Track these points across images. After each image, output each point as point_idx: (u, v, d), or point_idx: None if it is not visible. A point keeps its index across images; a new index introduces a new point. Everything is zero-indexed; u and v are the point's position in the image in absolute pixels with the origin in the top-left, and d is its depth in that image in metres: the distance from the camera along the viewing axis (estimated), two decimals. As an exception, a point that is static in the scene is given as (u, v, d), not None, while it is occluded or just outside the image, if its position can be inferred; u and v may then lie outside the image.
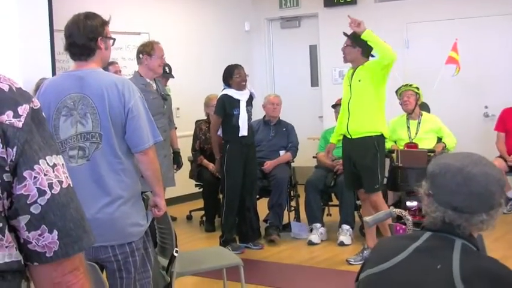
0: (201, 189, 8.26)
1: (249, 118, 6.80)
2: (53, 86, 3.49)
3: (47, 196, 1.38)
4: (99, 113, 3.34)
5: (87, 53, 3.41)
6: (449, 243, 2.05)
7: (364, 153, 6.05)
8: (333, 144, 6.55)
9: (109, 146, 3.36)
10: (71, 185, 1.44)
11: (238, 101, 6.72)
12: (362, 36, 5.91)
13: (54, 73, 7.26)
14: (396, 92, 7.53)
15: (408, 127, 7.53)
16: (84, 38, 3.38)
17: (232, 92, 6.74)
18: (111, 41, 3.54)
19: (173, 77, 7.41)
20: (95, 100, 3.34)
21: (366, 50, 6.05)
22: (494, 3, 9.20)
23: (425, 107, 8.08)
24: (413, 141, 7.37)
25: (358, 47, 6.02)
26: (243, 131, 6.71)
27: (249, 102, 6.82)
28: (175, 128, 6.72)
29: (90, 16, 3.44)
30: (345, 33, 6.15)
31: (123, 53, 8.62)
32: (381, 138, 6.08)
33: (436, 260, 2.01)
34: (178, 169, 6.79)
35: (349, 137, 6.11)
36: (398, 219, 5.17)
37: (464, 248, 2.03)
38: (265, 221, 7.48)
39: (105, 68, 7.39)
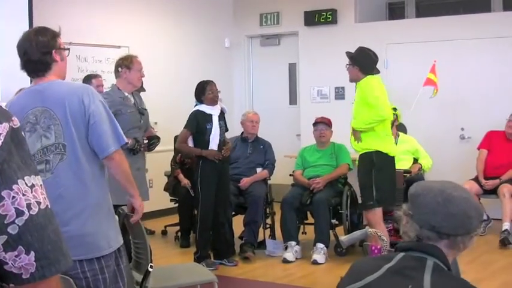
0: (176, 204, 8.24)
1: (222, 133, 6.81)
2: (16, 104, 3.46)
3: (25, 217, 1.35)
4: (61, 124, 3.30)
5: (43, 68, 3.39)
6: (421, 263, 2.06)
7: (360, 169, 6.15)
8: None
9: (74, 155, 3.31)
10: (49, 207, 1.42)
11: (210, 115, 6.73)
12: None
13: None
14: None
15: (385, 147, 7.56)
16: (39, 53, 3.36)
17: (204, 108, 6.74)
18: (67, 52, 3.51)
19: (144, 90, 7.21)
20: (56, 111, 3.31)
21: (364, 67, 6.07)
22: (472, 26, 9.30)
23: (402, 128, 8.13)
24: (390, 161, 7.40)
25: (356, 66, 6.05)
26: (213, 146, 6.70)
27: (221, 117, 6.83)
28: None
29: (40, 31, 3.43)
30: (346, 53, 6.21)
31: (102, 66, 8.58)
32: (378, 154, 6.07)
33: (407, 280, 2.02)
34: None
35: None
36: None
37: (435, 268, 2.04)
38: (240, 237, 7.47)
39: (89, 81, 7.27)
